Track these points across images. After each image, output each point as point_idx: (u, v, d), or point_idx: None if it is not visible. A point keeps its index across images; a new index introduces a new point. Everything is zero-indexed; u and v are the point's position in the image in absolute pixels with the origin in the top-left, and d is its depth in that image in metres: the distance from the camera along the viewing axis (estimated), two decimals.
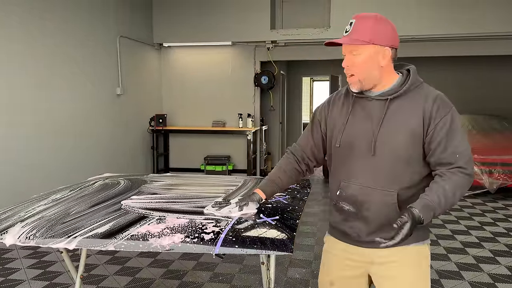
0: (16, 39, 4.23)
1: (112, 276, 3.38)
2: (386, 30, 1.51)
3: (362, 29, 1.49)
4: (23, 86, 4.34)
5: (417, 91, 1.53)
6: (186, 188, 2.15)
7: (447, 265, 3.57)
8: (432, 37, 6.69)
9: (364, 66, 1.50)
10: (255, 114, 7.43)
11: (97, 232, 1.57)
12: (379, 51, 1.50)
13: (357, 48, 1.49)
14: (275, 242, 1.50)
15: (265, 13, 7.01)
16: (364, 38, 1.48)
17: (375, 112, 1.53)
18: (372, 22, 1.49)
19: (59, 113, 4.87)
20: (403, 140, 1.48)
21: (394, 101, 1.52)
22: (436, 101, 1.49)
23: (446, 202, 1.41)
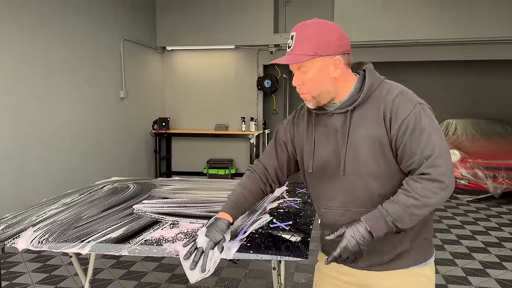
0: (19, 41, 4.23)
1: (118, 280, 3.36)
2: (332, 37, 1.31)
3: (304, 42, 1.30)
4: (26, 89, 4.33)
5: (377, 93, 1.34)
6: (196, 193, 2.14)
7: (453, 270, 3.55)
8: (434, 41, 6.70)
9: (315, 82, 1.33)
10: (258, 117, 7.43)
11: (110, 236, 1.56)
12: (329, 62, 1.31)
13: (304, 64, 1.32)
14: (290, 247, 1.49)
15: (268, 17, 7.02)
16: (308, 52, 1.29)
17: (338, 127, 1.37)
18: (313, 31, 1.31)
19: (63, 116, 4.87)
20: (371, 154, 1.32)
21: (355, 111, 1.35)
22: (395, 101, 1.30)
23: (405, 212, 1.24)
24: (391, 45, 6.94)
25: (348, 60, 1.36)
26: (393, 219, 1.24)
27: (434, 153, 1.24)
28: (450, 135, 7.15)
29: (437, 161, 1.23)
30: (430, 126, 1.27)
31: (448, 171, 1.25)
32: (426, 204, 1.24)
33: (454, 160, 6.14)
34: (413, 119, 1.27)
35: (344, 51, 1.33)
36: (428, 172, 1.23)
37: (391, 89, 1.34)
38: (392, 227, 1.25)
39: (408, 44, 6.84)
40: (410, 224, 1.26)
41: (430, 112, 1.31)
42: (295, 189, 2.28)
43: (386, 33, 6.66)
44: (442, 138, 1.28)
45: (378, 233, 1.25)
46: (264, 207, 1.90)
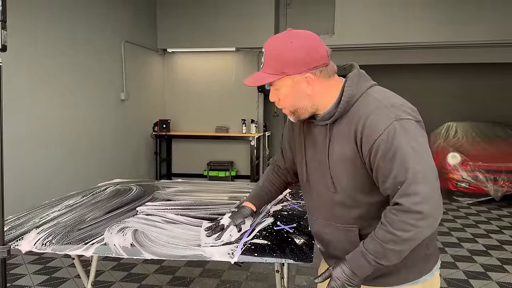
0: (19, 44, 4.23)
1: (119, 282, 3.35)
2: (299, 53, 1.21)
3: (271, 60, 1.23)
4: (27, 92, 4.33)
5: (357, 105, 1.23)
6: (200, 195, 2.14)
7: (455, 273, 3.55)
8: (435, 44, 6.71)
9: (289, 99, 1.28)
10: (258, 120, 7.42)
11: None
12: (299, 80, 1.23)
13: (275, 83, 1.26)
14: (295, 250, 1.49)
15: (269, 19, 7.03)
16: (275, 72, 1.22)
17: (320, 139, 1.32)
18: (281, 48, 1.21)
19: (64, 118, 4.86)
20: (344, 171, 1.26)
21: (335, 125, 1.27)
22: (368, 118, 1.18)
23: (383, 249, 1.15)
24: (393, 48, 6.95)
25: (328, 72, 1.25)
26: (374, 257, 1.17)
27: (407, 180, 1.11)
28: (450, 137, 7.15)
29: (411, 189, 1.11)
30: (405, 147, 1.12)
31: (425, 199, 1.10)
32: (405, 239, 1.13)
33: (455, 162, 6.15)
34: (384, 140, 1.14)
35: (316, 66, 1.22)
36: (401, 202, 1.12)
37: (370, 102, 1.21)
38: (376, 265, 1.18)
39: (409, 46, 6.84)
40: (396, 259, 1.18)
41: (413, 127, 1.17)
42: (298, 191, 2.27)
43: (388, 35, 6.67)
44: (423, 159, 1.13)
45: (361, 272, 1.20)
46: (268, 209, 1.89)
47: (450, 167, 6.17)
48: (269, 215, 1.80)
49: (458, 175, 6.11)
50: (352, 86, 1.24)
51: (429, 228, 1.14)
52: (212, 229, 1.53)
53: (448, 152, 6.36)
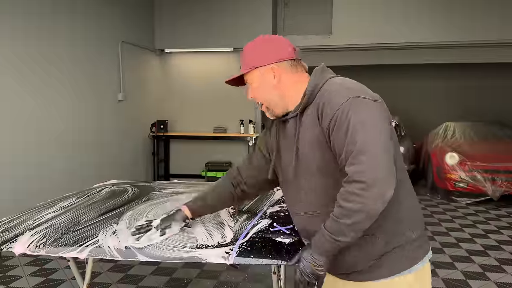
0: (16, 44, 4.21)
1: (116, 284, 3.33)
2: (266, 48, 1.41)
3: (245, 58, 1.44)
4: (20, 93, 4.31)
5: (321, 92, 1.31)
6: None
7: (453, 273, 3.54)
8: (431, 44, 6.71)
9: (259, 92, 1.43)
10: (256, 120, 7.40)
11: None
12: (265, 71, 1.39)
13: (249, 77, 1.44)
14: (291, 252, 1.47)
15: (267, 20, 7.02)
16: (246, 66, 1.43)
17: (291, 132, 1.39)
18: (250, 47, 1.44)
19: (60, 119, 4.84)
20: (315, 154, 1.31)
21: (304, 114, 1.35)
22: (327, 97, 1.26)
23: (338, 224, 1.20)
24: (389, 48, 6.95)
25: (294, 66, 1.40)
26: (329, 233, 1.22)
27: (354, 150, 1.16)
28: (448, 138, 7.14)
29: (356, 159, 1.15)
30: (357, 121, 1.18)
31: (367, 168, 1.13)
32: (353, 210, 1.15)
33: (453, 163, 6.14)
34: (340, 114, 1.20)
35: (281, 59, 1.38)
36: (348, 171, 1.17)
37: (330, 87, 1.30)
38: (334, 242, 1.22)
39: (406, 46, 6.84)
40: (354, 234, 1.20)
41: (370, 104, 1.22)
42: None
43: (385, 35, 6.67)
44: (373, 132, 1.17)
45: (322, 249, 1.25)
46: (264, 210, 1.88)
47: (448, 167, 6.17)
48: (266, 217, 1.78)
49: (456, 175, 6.10)
50: (315, 77, 1.35)
51: (375, 199, 1.14)
52: (140, 228, 1.57)
53: (446, 152, 6.35)
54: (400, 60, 7.26)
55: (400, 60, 7.26)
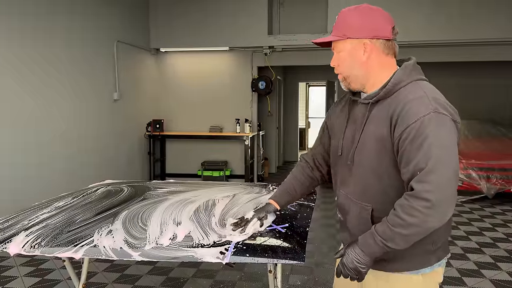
0: (12, 44, 4.19)
1: (112, 284, 3.33)
2: (366, 20, 1.32)
3: (339, 23, 1.36)
4: (18, 92, 4.29)
5: (401, 92, 1.29)
6: (194, 194, 2.12)
7: (448, 271, 3.56)
8: (424, 43, 6.73)
9: (345, 63, 1.38)
10: (252, 119, 7.41)
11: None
12: (357, 45, 1.33)
13: (337, 45, 1.38)
14: (287, 250, 1.48)
15: (263, 19, 7.02)
16: (338, 33, 1.36)
17: (359, 117, 1.39)
18: (349, 14, 1.35)
19: (56, 118, 4.82)
20: (373, 150, 1.32)
21: (376, 105, 1.34)
22: (408, 105, 1.23)
23: (392, 232, 1.21)
24: None
25: (387, 48, 1.35)
26: (381, 239, 1.23)
27: (426, 167, 1.16)
28: None
29: (426, 177, 1.16)
30: (435, 138, 1.17)
31: (436, 188, 1.14)
32: (412, 224, 1.18)
33: None
34: (418, 126, 1.19)
35: (376, 36, 1.32)
36: (415, 187, 1.17)
37: (413, 91, 1.26)
38: (383, 247, 1.24)
39: (401, 45, 6.85)
40: (403, 243, 1.23)
41: (448, 124, 1.21)
42: None
43: None
44: (447, 154, 1.17)
45: (369, 251, 1.27)
46: None
47: None
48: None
49: None
50: (403, 72, 1.32)
51: (436, 218, 1.18)
52: (237, 224, 1.61)
53: None
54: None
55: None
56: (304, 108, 12.92)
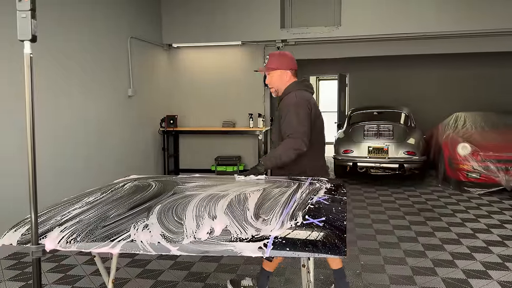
0: None
1: (134, 279, 3.33)
2: (285, 60, 2.69)
3: (273, 60, 2.69)
4: (37, 89, 4.29)
5: (290, 94, 2.62)
6: (223, 188, 2.10)
7: (472, 264, 3.51)
8: (441, 34, 6.64)
9: (275, 82, 2.70)
10: (265, 113, 7.38)
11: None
12: (282, 72, 2.68)
13: (271, 72, 2.69)
14: (327, 244, 1.45)
15: (275, 12, 6.96)
16: (275, 66, 2.67)
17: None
18: (276, 56, 2.70)
19: (70, 115, 4.83)
20: (278, 125, 2.65)
21: (281, 100, 2.68)
22: (285, 101, 2.61)
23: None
24: (399, 38, 6.88)
25: (293, 74, 2.72)
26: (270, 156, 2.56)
27: (290, 127, 2.52)
28: (459, 128, 7.09)
29: (289, 130, 2.51)
30: (293, 114, 2.51)
31: (293, 134, 2.50)
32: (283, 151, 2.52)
33: (465, 153, 6.09)
34: (287, 108, 2.55)
35: (292, 69, 2.70)
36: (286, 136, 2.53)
37: (294, 94, 2.60)
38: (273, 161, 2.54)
39: (416, 37, 6.77)
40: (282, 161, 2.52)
41: (301, 108, 2.52)
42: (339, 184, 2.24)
43: (392, 26, 6.60)
44: (298, 120, 2.49)
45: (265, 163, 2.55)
46: (296, 198, 1.85)
47: (461, 158, 6.12)
48: (296, 209, 1.76)
49: (468, 165, 6.06)
50: (291, 86, 2.68)
51: (294, 146, 2.47)
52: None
53: (458, 143, 6.30)
54: (409, 51, 7.19)
55: (409, 51, 7.19)
56: None
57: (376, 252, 3.83)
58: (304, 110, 2.49)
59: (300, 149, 2.42)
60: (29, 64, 1.23)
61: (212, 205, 1.79)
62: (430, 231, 4.42)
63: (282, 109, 2.57)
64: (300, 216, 1.66)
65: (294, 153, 2.43)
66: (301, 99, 2.53)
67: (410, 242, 4.08)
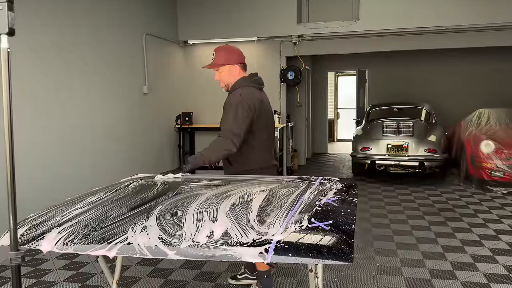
0: (41, 39, 4.20)
1: (145, 278, 3.30)
2: (233, 55, 2.66)
3: (220, 55, 2.65)
4: (49, 87, 4.31)
5: (236, 90, 2.62)
6: (228, 188, 2.02)
7: (494, 267, 3.35)
8: (462, 28, 6.39)
9: (224, 77, 2.68)
10: (281, 110, 7.28)
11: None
12: (231, 67, 2.65)
13: (219, 67, 2.67)
14: (333, 250, 1.36)
15: (291, 7, 6.84)
16: (221, 62, 2.65)
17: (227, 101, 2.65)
18: (223, 52, 2.66)
19: (85, 112, 4.84)
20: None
21: (229, 94, 2.67)
22: (228, 99, 2.62)
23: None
24: (419, 33, 6.67)
25: (241, 67, 2.70)
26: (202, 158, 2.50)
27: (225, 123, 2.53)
28: (482, 124, 6.84)
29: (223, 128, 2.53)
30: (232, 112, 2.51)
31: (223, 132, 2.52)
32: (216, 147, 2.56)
33: (488, 151, 5.87)
34: (229, 105, 2.55)
35: (240, 63, 2.68)
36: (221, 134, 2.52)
37: (237, 93, 2.59)
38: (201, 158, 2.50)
39: (437, 31, 6.55)
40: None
41: (240, 108, 2.50)
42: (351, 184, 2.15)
43: (412, 19, 6.40)
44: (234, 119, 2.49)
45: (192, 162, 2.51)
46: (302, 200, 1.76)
47: (484, 156, 5.90)
48: (302, 211, 1.67)
49: (492, 164, 5.83)
50: (239, 82, 2.66)
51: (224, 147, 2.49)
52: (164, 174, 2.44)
53: (481, 140, 6.07)
54: (429, 45, 6.95)
55: (429, 45, 6.95)
56: (333, 99, 12.66)
57: (393, 254, 3.70)
58: (244, 111, 2.47)
59: (230, 150, 2.43)
60: (6, 58, 1.16)
61: (214, 207, 1.72)
62: (450, 232, 4.25)
63: (226, 106, 2.58)
64: (305, 219, 1.58)
65: (223, 154, 2.46)
66: (245, 99, 2.51)
67: (429, 244, 3.94)
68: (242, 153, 2.55)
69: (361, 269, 3.38)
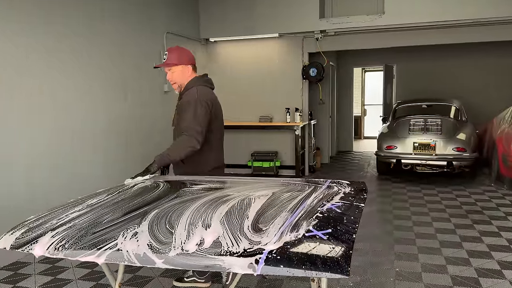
0: (58, 38, 4.25)
1: (157, 278, 3.29)
2: (185, 55, 2.73)
3: (173, 55, 2.69)
4: (70, 85, 4.36)
5: (190, 89, 2.68)
6: (229, 192, 1.96)
7: None
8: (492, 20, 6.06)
9: (177, 77, 2.72)
10: (303, 108, 7.15)
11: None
12: (183, 67, 2.71)
13: (172, 67, 2.69)
14: (328, 262, 1.27)
15: (314, 2, 6.69)
16: (176, 62, 2.68)
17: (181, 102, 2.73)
18: (176, 52, 2.70)
19: (107, 111, 4.88)
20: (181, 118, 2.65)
21: (182, 95, 2.74)
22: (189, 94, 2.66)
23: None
24: (446, 26, 6.38)
25: (194, 68, 2.79)
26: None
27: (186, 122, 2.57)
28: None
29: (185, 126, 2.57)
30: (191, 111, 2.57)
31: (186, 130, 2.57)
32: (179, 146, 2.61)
33: None
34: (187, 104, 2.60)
35: (192, 64, 2.76)
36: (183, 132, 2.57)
37: (192, 91, 2.66)
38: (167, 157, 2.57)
39: (465, 24, 6.24)
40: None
41: (199, 106, 2.58)
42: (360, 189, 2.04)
43: (442, 12, 6.13)
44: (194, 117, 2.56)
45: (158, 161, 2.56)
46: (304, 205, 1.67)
47: None
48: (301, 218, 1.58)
49: None
50: (192, 81, 2.74)
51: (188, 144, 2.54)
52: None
53: None
54: (456, 39, 6.63)
55: (456, 39, 6.63)
56: (360, 95, 12.38)
57: (414, 258, 3.54)
58: (203, 108, 2.55)
59: (194, 147, 2.49)
60: None
61: (210, 212, 1.65)
62: (477, 236, 4.04)
63: (183, 105, 2.60)
64: (303, 227, 1.49)
65: (187, 151, 2.50)
66: (202, 96, 2.59)
67: (453, 248, 3.75)
68: (203, 151, 2.61)
69: (379, 274, 3.25)
